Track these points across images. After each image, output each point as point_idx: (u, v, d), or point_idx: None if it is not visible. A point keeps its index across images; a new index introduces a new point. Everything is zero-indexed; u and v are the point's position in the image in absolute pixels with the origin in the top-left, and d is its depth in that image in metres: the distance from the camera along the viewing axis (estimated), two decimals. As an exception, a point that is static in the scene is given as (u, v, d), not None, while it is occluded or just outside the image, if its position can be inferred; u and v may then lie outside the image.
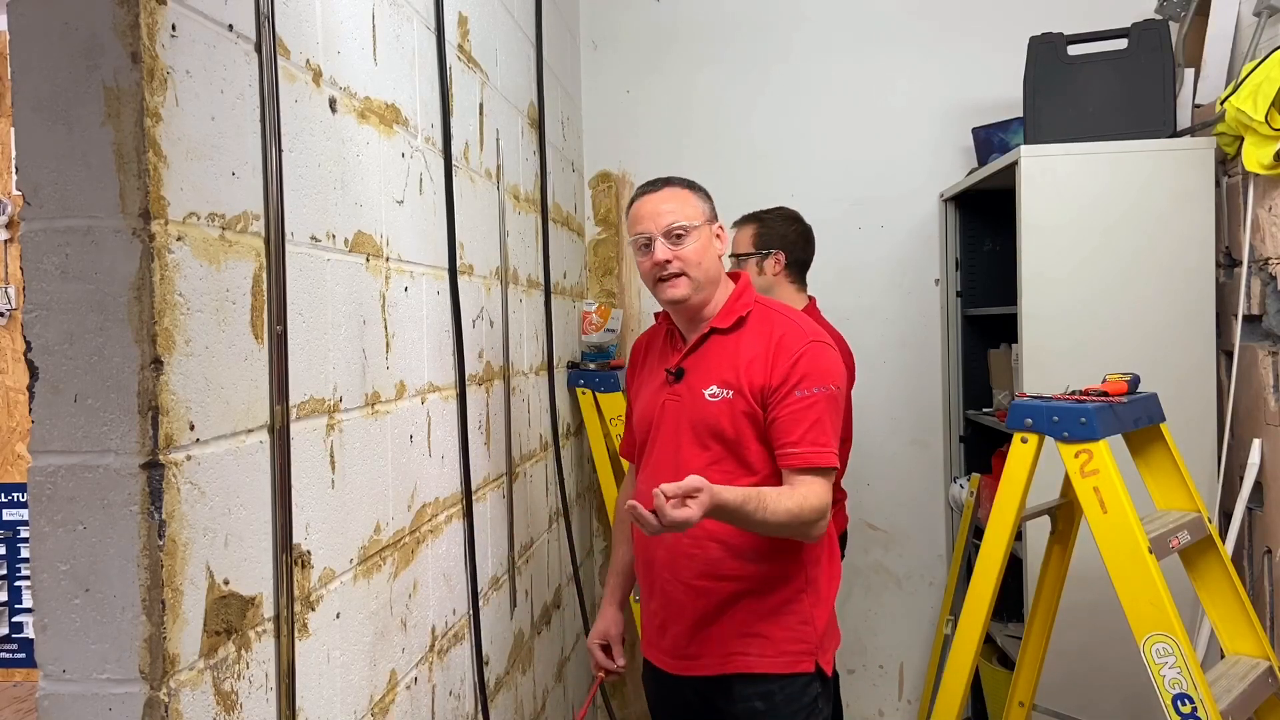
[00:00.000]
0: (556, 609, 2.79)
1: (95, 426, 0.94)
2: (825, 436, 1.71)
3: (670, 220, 1.78)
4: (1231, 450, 2.45)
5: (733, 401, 1.75)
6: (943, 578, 3.34)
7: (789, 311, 1.86)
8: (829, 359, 1.76)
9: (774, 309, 1.85)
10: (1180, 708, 1.73)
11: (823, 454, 1.70)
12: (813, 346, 1.75)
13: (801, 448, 1.70)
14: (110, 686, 0.94)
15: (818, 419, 1.71)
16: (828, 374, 1.74)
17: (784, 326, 1.79)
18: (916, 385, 3.37)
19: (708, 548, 1.78)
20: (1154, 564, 1.76)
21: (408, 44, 1.69)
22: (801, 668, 1.77)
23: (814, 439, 1.70)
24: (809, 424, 1.70)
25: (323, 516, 1.30)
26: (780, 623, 1.78)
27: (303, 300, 1.26)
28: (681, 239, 1.79)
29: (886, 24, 3.34)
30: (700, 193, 1.86)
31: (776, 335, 1.77)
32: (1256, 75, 2.19)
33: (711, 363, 1.80)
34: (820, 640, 1.80)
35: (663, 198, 1.82)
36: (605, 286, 3.48)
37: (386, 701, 1.50)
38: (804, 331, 1.78)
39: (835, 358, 1.78)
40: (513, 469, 2.29)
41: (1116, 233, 2.48)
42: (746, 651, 1.77)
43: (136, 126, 0.93)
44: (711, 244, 1.83)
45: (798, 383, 1.72)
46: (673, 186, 1.84)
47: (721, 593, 1.78)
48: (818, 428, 1.71)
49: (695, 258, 1.79)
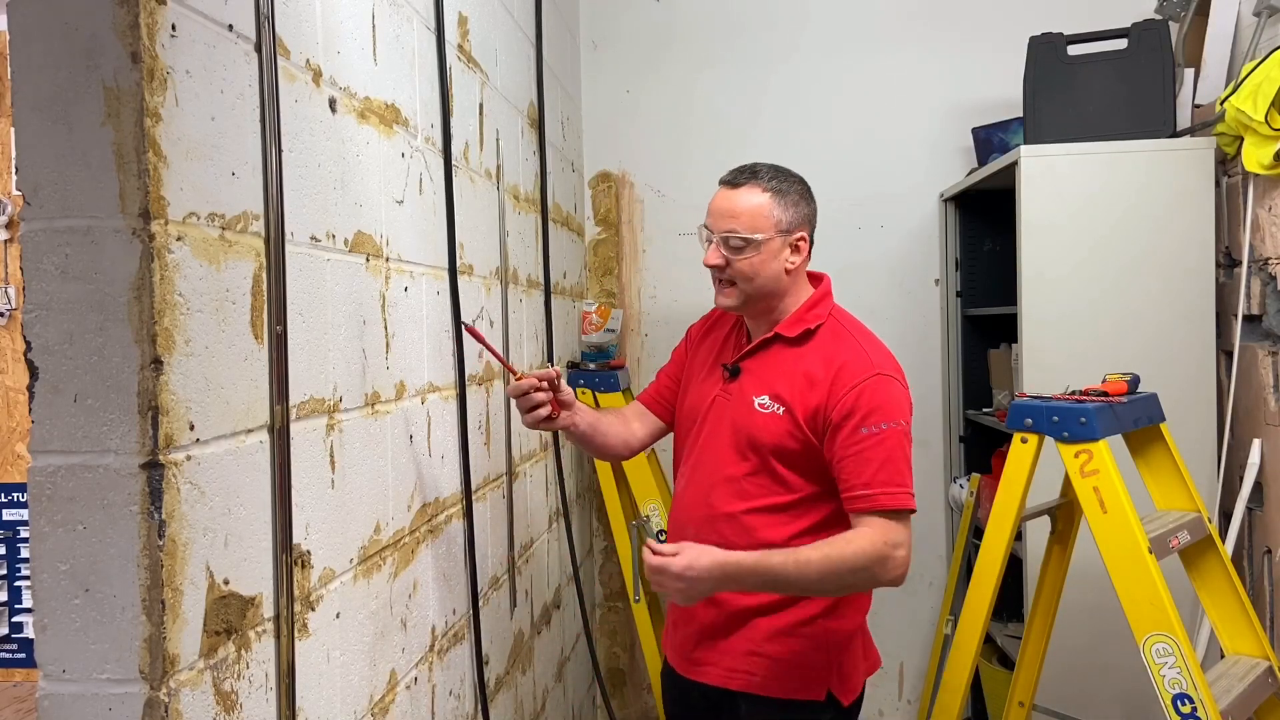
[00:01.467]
0: (556, 609, 2.79)
1: (95, 426, 0.94)
2: (899, 477, 1.59)
3: (730, 227, 1.69)
4: (1231, 450, 2.45)
5: (781, 419, 1.66)
6: (943, 578, 3.34)
7: (860, 334, 1.74)
8: (893, 392, 1.64)
9: (846, 328, 1.74)
10: (1180, 708, 1.73)
11: (895, 496, 1.58)
12: (878, 380, 1.63)
13: (873, 489, 1.58)
14: (110, 686, 0.94)
15: (887, 458, 1.59)
16: (894, 409, 1.62)
17: (850, 352, 1.67)
18: (916, 385, 3.31)
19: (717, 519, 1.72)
20: (1154, 564, 1.76)
21: (408, 44, 1.69)
22: (810, 695, 1.69)
23: (884, 479, 1.58)
24: (877, 464, 1.58)
25: (323, 516, 1.30)
26: (790, 646, 1.69)
27: (303, 300, 1.26)
28: (739, 250, 1.69)
29: (887, 24, 3.34)
30: (785, 197, 1.71)
31: (839, 360, 1.66)
32: (1256, 75, 2.19)
33: (768, 370, 1.72)
34: (835, 667, 1.70)
35: (737, 197, 1.70)
36: (605, 286, 3.48)
37: (386, 701, 1.50)
38: (870, 361, 1.66)
39: (900, 390, 1.66)
40: (513, 469, 2.29)
41: (1116, 233, 2.48)
42: (752, 671, 1.70)
43: (136, 126, 0.93)
44: (776, 258, 1.70)
45: (864, 418, 1.60)
46: (751, 187, 1.71)
47: (733, 605, 1.72)
48: (889, 467, 1.58)
49: (748, 271, 1.69)
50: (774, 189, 1.72)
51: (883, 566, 1.57)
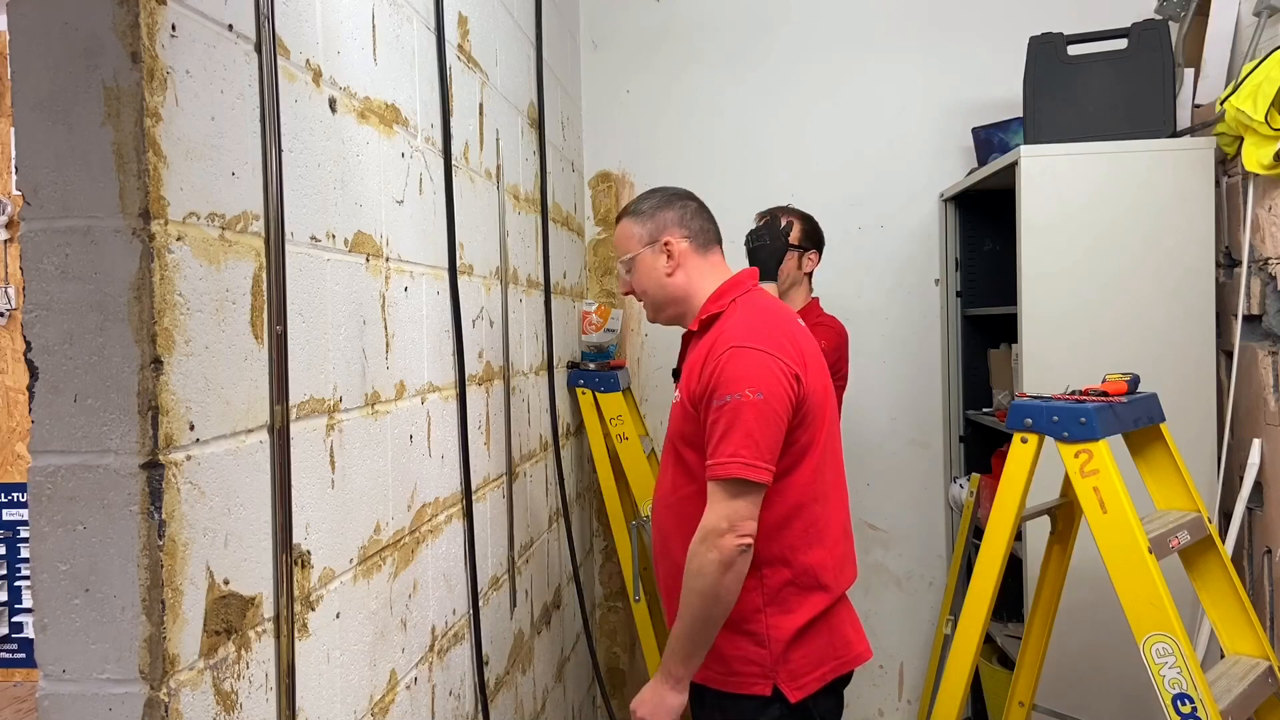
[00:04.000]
0: (556, 609, 2.79)
1: (95, 426, 0.94)
2: (731, 446, 1.60)
3: (617, 257, 1.89)
4: (1231, 450, 2.45)
5: (680, 405, 1.75)
6: (943, 578, 3.34)
7: (747, 313, 1.75)
8: (745, 363, 1.63)
9: (739, 310, 1.76)
10: (1180, 708, 1.73)
11: (725, 465, 1.59)
12: (731, 353, 1.65)
13: (712, 459, 1.62)
14: (110, 686, 0.94)
15: (726, 430, 1.60)
16: (740, 379, 1.62)
17: (723, 329, 1.72)
18: (916, 385, 3.37)
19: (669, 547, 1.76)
20: (1154, 564, 1.76)
21: (408, 44, 1.69)
22: (753, 689, 1.68)
23: (721, 450, 1.60)
24: (718, 436, 1.62)
25: (323, 516, 1.30)
26: (732, 641, 1.69)
27: (303, 300, 1.26)
28: (628, 272, 1.87)
29: (887, 24, 3.34)
30: (640, 214, 1.85)
31: (712, 339, 1.72)
32: (1256, 75, 2.19)
33: (685, 366, 1.81)
34: (781, 662, 1.68)
35: (616, 233, 1.90)
36: (605, 286, 3.48)
37: (386, 701, 1.50)
38: (731, 335, 1.68)
39: (755, 360, 1.64)
40: (513, 469, 2.29)
41: (1116, 233, 2.48)
42: (706, 664, 1.71)
43: (136, 126, 0.93)
44: (654, 268, 1.83)
45: (713, 392, 1.64)
46: (622, 221, 1.89)
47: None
48: (726, 439, 1.60)
49: (639, 287, 1.86)
50: (631, 211, 1.88)
51: (706, 548, 1.60)
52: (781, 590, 1.69)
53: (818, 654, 1.71)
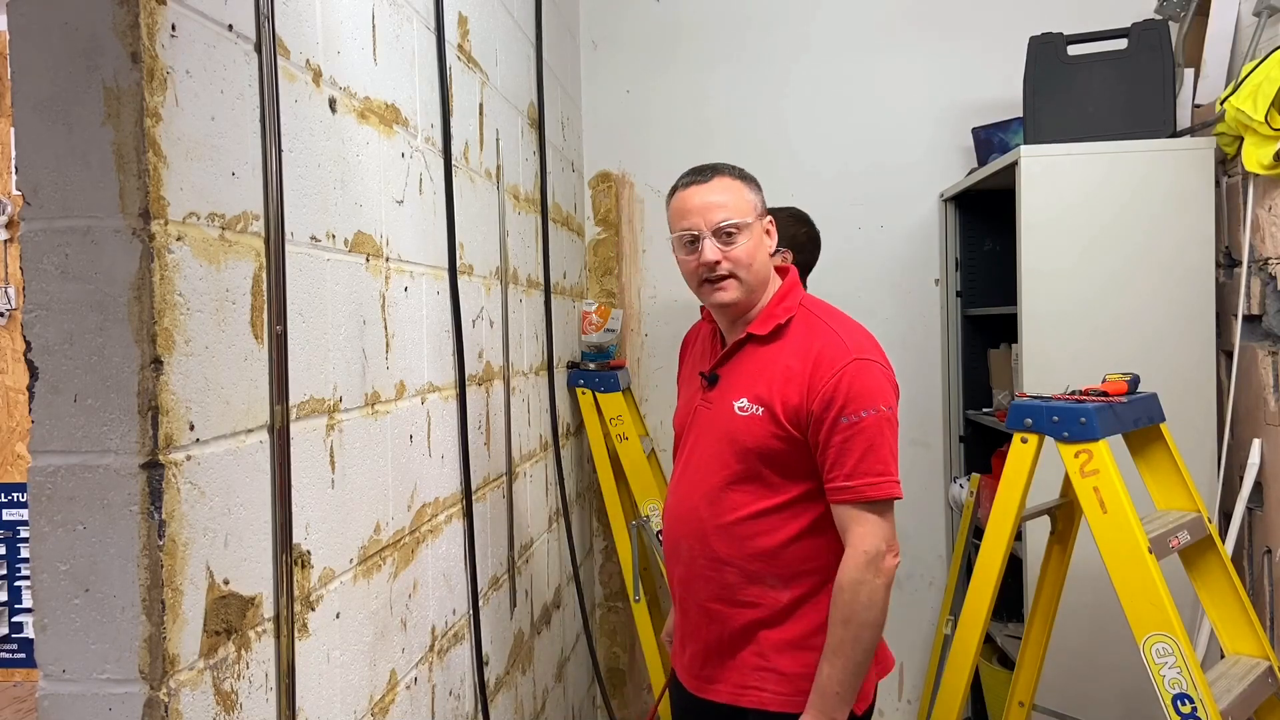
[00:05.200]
0: (556, 609, 2.79)
1: (95, 426, 0.94)
2: (881, 465, 1.55)
3: (722, 217, 1.62)
4: (1231, 450, 2.45)
5: (762, 419, 1.61)
6: (943, 578, 3.34)
7: (835, 319, 1.68)
8: (872, 376, 1.58)
9: (819, 316, 1.68)
10: (1180, 708, 1.73)
11: (878, 485, 1.55)
12: (856, 365, 1.57)
13: (854, 480, 1.55)
14: (110, 686, 0.94)
15: (869, 447, 1.54)
16: (876, 394, 1.57)
17: (825, 340, 1.62)
18: (916, 385, 3.37)
19: (724, 572, 1.67)
20: (1154, 564, 1.76)
21: (408, 44, 1.69)
22: None
23: (867, 469, 1.54)
24: (858, 454, 1.54)
25: (323, 516, 1.30)
26: (798, 658, 1.63)
27: (303, 300, 1.26)
28: (733, 237, 1.63)
29: (886, 24, 3.34)
30: (752, 183, 1.69)
31: (815, 350, 1.60)
32: (1256, 75, 2.19)
33: (745, 373, 1.67)
34: None
35: (713, 189, 1.65)
36: (605, 286, 3.48)
37: (386, 701, 1.50)
38: (846, 347, 1.60)
39: (879, 373, 1.60)
40: (513, 469, 2.29)
41: (1116, 232, 2.48)
42: (762, 687, 1.65)
43: (136, 126, 0.93)
44: (763, 241, 1.67)
45: (842, 407, 1.55)
46: (724, 176, 1.67)
47: (736, 619, 1.67)
48: (870, 457, 1.54)
49: (747, 258, 1.63)
50: (740, 175, 1.70)
51: (874, 573, 1.55)
52: None
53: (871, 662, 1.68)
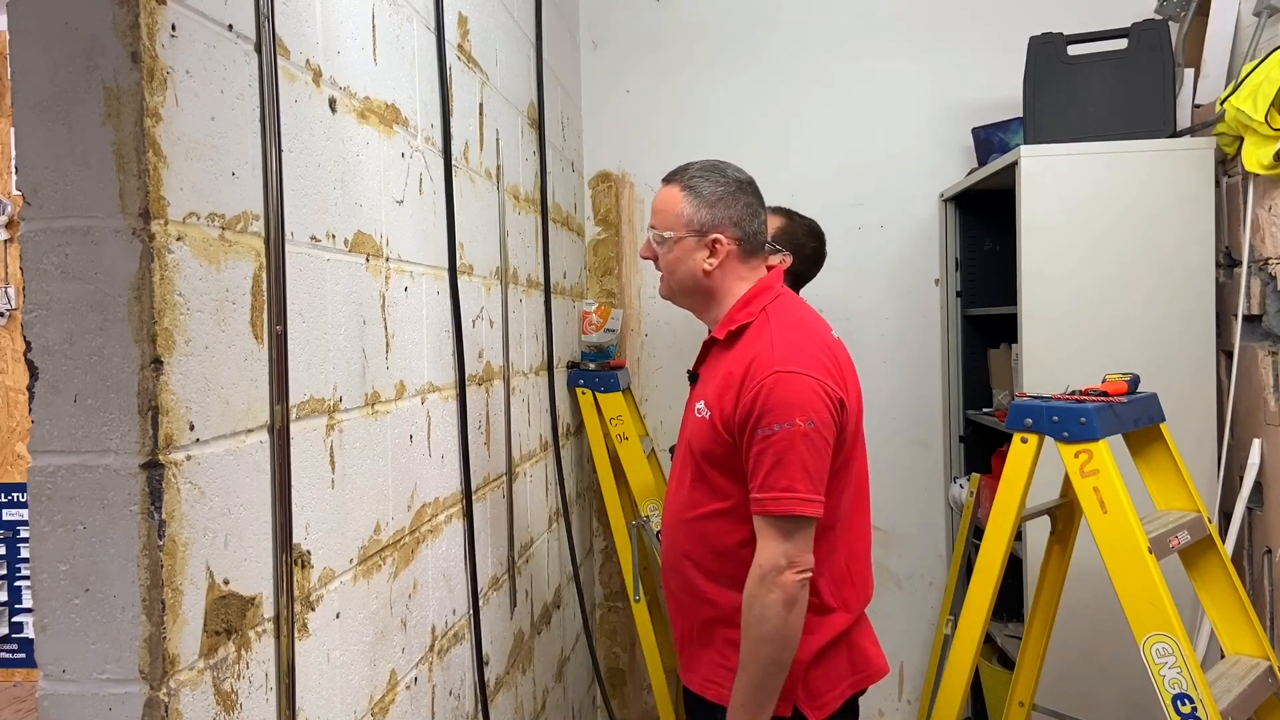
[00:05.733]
0: (556, 609, 2.79)
1: (95, 426, 0.94)
2: (785, 480, 1.52)
3: (651, 223, 1.76)
4: (1231, 450, 2.45)
5: (707, 423, 1.64)
6: (943, 578, 3.34)
7: (782, 327, 1.65)
8: (792, 389, 1.55)
9: (770, 323, 1.66)
10: (1180, 708, 1.73)
11: (780, 501, 1.52)
12: (776, 378, 1.55)
13: (761, 494, 1.54)
14: (110, 686, 0.94)
15: (777, 461, 1.52)
16: (791, 407, 1.53)
17: (759, 349, 1.61)
18: (916, 385, 3.37)
19: (686, 566, 1.71)
20: (1154, 564, 1.76)
21: (408, 44, 1.69)
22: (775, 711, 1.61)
23: (773, 484, 1.53)
24: (767, 468, 1.53)
25: (323, 516, 1.30)
26: None
27: (303, 300, 1.26)
28: (660, 245, 1.74)
29: (887, 24, 3.34)
30: (699, 196, 1.69)
31: (749, 359, 1.60)
32: (1256, 75, 2.19)
33: (709, 375, 1.71)
34: (799, 683, 1.63)
35: (659, 195, 1.75)
36: (605, 286, 3.48)
37: (386, 701, 1.50)
38: (772, 358, 1.58)
39: (803, 385, 1.56)
40: (513, 469, 2.29)
41: (1116, 233, 2.48)
42: (722, 684, 1.67)
43: (136, 126, 0.93)
44: (691, 257, 1.69)
45: (759, 419, 1.54)
46: (672, 185, 1.73)
47: (699, 614, 1.70)
48: (778, 472, 1.52)
49: (666, 267, 1.74)
50: (690, 187, 1.71)
51: (767, 588, 1.53)
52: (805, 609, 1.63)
53: (837, 673, 1.68)
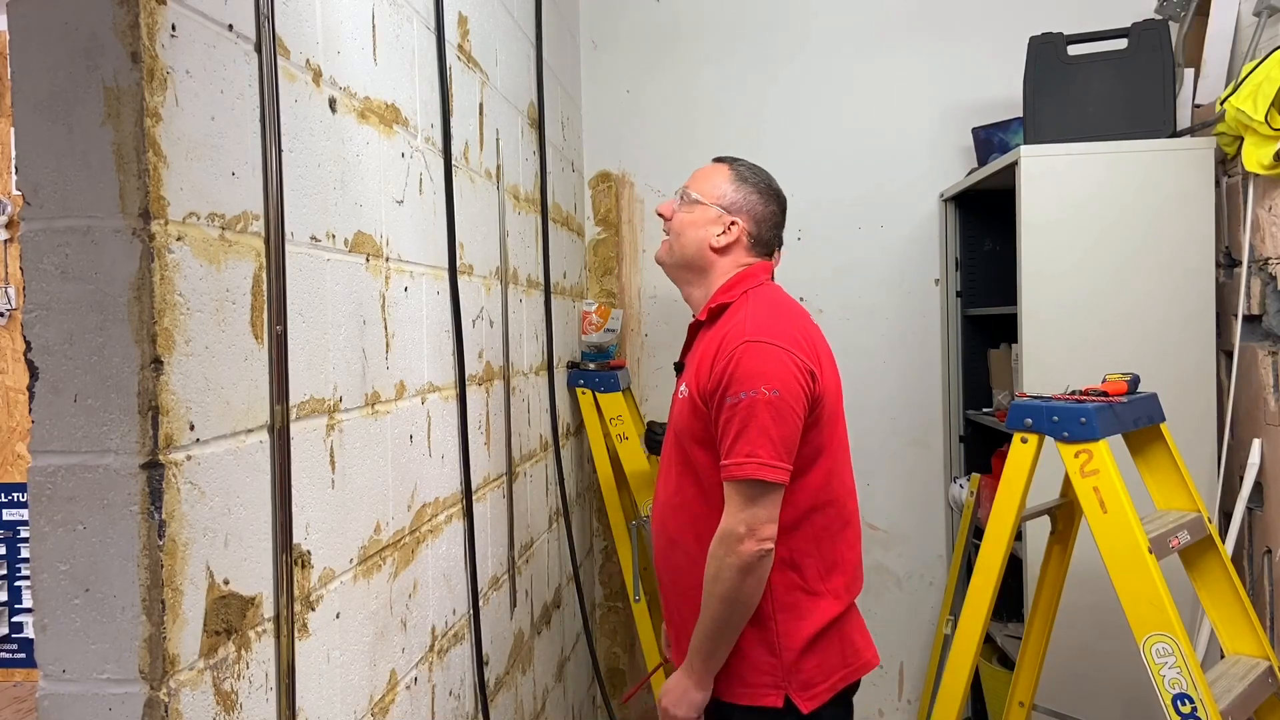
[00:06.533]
0: (556, 609, 2.79)
1: (95, 426, 0.94)
2: (748, 445, 1.55)
3: (688, 183, 1.82)
4: (1231, 450, 2.45)
5: (686, 400, 1.68)
6: (943, 578, 3.34)
7: (759, 306, 1.69)
8: (760, 358, 1.58)
9: (750, 302, 1.70)
10: (1180, 708, 1.73)
11: (742, 466, 1.55)
12: (745, 348, 1.59)
13: (727, 459, 1.57)
14: (110, 686, 0.94)
15: (742, 428, 1.55)
16: (755, 375, 1.56)
17: (733, 324, 1.65)
18: (916, 385, 3.37)
19: (673, 554, 1.72)
20: (1154, 564, 1.76)
21: (408, 44, 1.69)
22: (766, 701, 1.64)
23: (737, 450, 1.56)
24: (733, 435, 1.57)
25: (323, 516, 1.30)
26: (741, 651, 1.64)
27: (303, 300, 1.26)
28: (683, 205, 1.80)
29: (887, 24, 3.34)
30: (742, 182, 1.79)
31: (724, 333, 1.65)
32: (1256, 75, 2.19)
33: (691, 361, 1.75)
34: (791, 673, 1.64)
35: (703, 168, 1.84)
36: (605, 286, 3.48)
37: (386, 701, 1.50)
38: (744, 329, 1.62)
39: (770, 356, 1.58)
40: (513, 469, 2.29)
41: (1116, 232, 2.48)
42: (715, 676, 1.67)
43: (136, 126, 0.93)
44: (706, 226, 1.77)
45: (726, 388, 1.58)
46: (721, 164, 1.84)
47: (689, 603, 1.69)
48: (741, 438, 1.55)
49: (678, 226, 1.80)
50: (736, 172, 1.82)
51: (729, 549, 1.56)
52: (792, 595, 1.65)
53: (829, 663, 1.68)
